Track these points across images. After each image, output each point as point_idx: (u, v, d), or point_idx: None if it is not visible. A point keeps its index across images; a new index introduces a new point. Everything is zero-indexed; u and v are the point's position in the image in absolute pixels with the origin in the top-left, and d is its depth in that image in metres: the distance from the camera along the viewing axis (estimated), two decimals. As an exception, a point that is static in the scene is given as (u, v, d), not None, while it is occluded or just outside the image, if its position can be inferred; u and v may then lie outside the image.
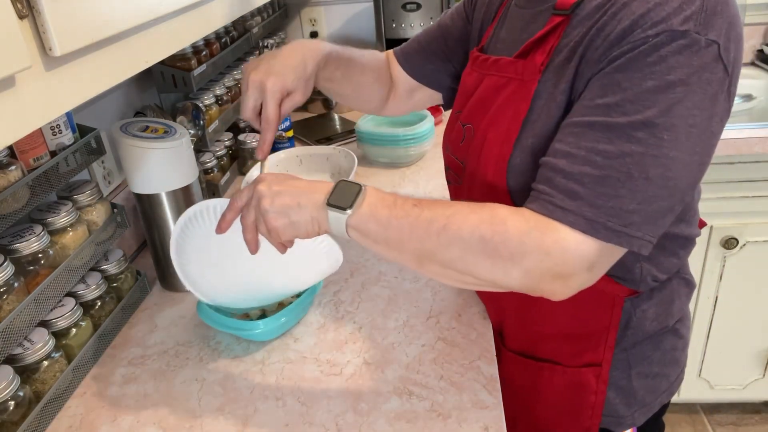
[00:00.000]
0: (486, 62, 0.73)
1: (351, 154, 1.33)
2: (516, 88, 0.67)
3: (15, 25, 0.43)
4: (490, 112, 0.70)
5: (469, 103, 0.76)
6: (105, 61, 0.57)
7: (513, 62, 0.68)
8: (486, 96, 0.72)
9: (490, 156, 0.69)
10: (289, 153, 1.39)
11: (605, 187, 0.55)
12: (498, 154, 0.68)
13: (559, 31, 0.63)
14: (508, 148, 0.66)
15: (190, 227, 0.78)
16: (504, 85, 0.69)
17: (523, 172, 0.65)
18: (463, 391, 0.76)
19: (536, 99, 0.64)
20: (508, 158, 0.66)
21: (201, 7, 0.81)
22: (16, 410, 0.71)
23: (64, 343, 0.82)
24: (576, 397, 0.81)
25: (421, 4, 1.70)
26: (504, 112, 0.68)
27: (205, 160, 1.32)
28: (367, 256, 1.07)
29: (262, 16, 1.71)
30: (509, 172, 0.67)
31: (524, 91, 0.65)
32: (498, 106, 0.69)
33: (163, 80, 1.22)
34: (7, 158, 0.73)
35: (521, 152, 0.65)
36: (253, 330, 0.84)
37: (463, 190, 0.80)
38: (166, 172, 0.92)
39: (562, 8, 0.63)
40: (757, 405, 1.88)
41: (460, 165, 0.79)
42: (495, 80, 0.71)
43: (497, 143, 0.68)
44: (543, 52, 0.64)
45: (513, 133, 0.66)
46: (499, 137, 0.68)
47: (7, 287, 0.71)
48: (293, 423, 0.74)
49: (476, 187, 0.74)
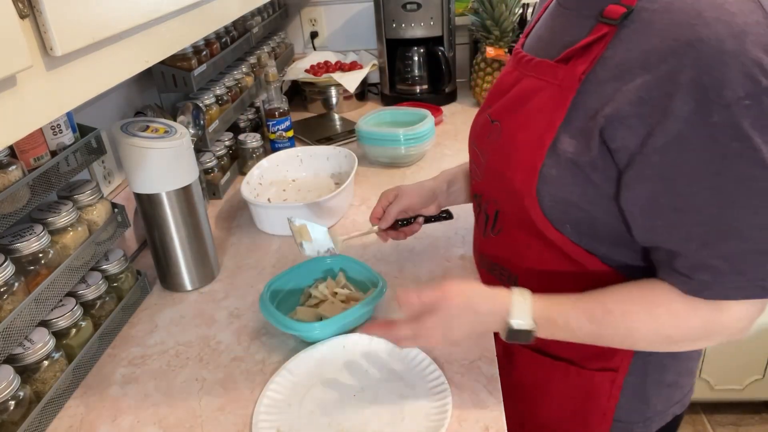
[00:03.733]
0: (528, 63, 0.70)
1: (351, 154, 1.33)
2: (553, 94, 0.64)
3: (16, 24, 0.43)
4: (521, 113, 0.69)
5: (502, 100, 0.74)
6: (106, 61, 0.57)
7: (553, 66, 0.65)
8: (520, 96, 0.69)
9: (520, 161, 0.67)
10: (289, 153, 1.39)
11: (761, 255, 0.57)
12: (529, 161, 0.65)
13: (604, 42, 0.59)
14: (541, 155, 0.64)
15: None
16: (541, 89, 0.66)
17: (558, 184, 0.64)
18: (464, 391, 0.75)
19: (573, 109, 0.61)
20: (540, 166, 0.64)
21: (201, 7, 0.81)
22: (17, 410, 0.71)
23: (64, 343, 0.82)
24: (588, 401, 0.79)
25: (421, 4, 1.70)
26: (537, 116, 0.65)
27: (205, 160, 1.32)
28: (367, 256, 1.07)
29: (262, 16, 1.71)
30: (541, 182, 0.65)
31: (561, 99, 0.63)
32: (531, 109, 0.67)
33: (163, 80, 1.22)
34: (7, 158, 0.73)
35: (557, 163, 0.63)
36: (311, 332, 0.84)
37: (483, 186, 0.79)
38: (166, 172, 0.92)
39: (611, 17, 0.59)
40: (757, 405, 1.88)
41: (481, 160, 0.78)
42: (532, 82, 0.68)
43: (528, 148, 0.66)
44: (585, 61, 0.61)
45: (546, 140, 0.63)
46: (530, 142, 0.65)
47: (7, 287, 0.71)
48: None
49: (498, 188, 0.73)
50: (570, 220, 0.66)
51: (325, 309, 0.89)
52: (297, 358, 0.81)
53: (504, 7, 1.62)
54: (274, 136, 1.50)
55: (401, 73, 1.82)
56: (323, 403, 0.75)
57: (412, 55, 1.79)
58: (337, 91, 1.84)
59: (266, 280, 0.94)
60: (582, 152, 0.61)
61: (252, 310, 0.96)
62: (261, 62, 1.63)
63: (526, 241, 0.72)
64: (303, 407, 0.75)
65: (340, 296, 0.92)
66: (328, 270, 0.98)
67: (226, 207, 1.32)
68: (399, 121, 1.48)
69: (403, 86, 1.84)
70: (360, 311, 0.84)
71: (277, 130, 1.49)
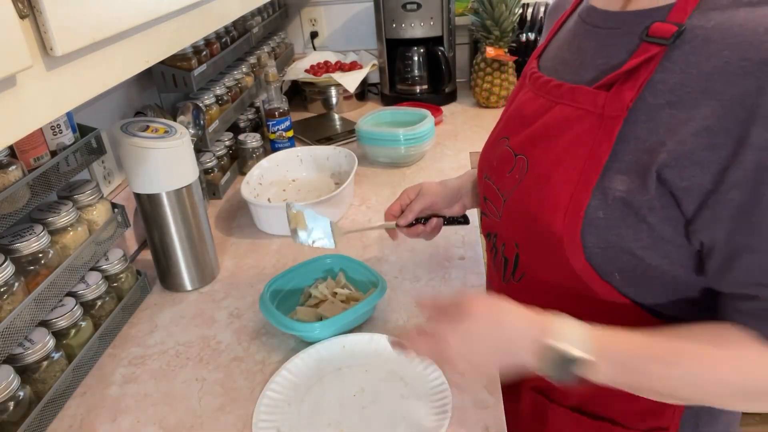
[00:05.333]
0: (557, 89, 0.62)
1: (351, 154, 1.33)
2: (594, 124, 0.57)
3: (16, 24, 0.43)
4: (555, 147, 0.60)
5: (527, 131, 0.65)
6: (106, 61, 0.57)
7: (592, 93, 0.57)
8: (552, 126, 0.61)
9: (558, 203, 0.59)
10: (289, 153, 1.39)
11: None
12: (571, 202, 0.57)
13: (653, 64, 0.53)
14: (586, 196, 0.56)
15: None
16: (578, 119, 0.58)
17: (605, 228, 0.56)
18: (464, 391, 0.75)
19: (621, 141, 0.54)
20: (584, 209, 0.56)
21: (201, 7, 0.81)
22: (16, 410, 0.71)
23: (64, 343, 0.82)
24: None
25: (421, 4, 1.70)
26: (576, 150, 0.58)
27: (205, 160, 1.32)
28: (367, 256, 1.07)
29: (262, 16, 1.71)
30: (586, 226, 0.57)
31: (606, 130, 0.55)
32: (568, 142, 0.59)
33: (163, 80, 1.22)
34: (7, 158, 0.73)
35: (604, 204, 0.56)
36: (311, 332, 0.83)
37: (500, 227, 0.70)
38: (166, 172, 0.92)
39: (660, 36, 0.52)
40: (756, 405, 1.88)
41: (500, 198, 0.69)
42: (566, 110, 0.60)
43: (568, 188, 0.58)
44: (633, 87, 0.54)
45: (591, 178, 0.56)
46: (570, 181, 0.58)
47: (7, 287, 0.71)
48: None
49: (525, 232, 0.65)
50: (619, 268, 0.58)
51: (325, 309, 0.89)
52: (297, 358, 0.81)
53: (504, 7, 1.62)
54: (274, 136, 1.50)
55: (401, 73, 1.82)
56: (323, 403, 0.75)
57: (412, 55, 1.79)
58: (337, 91, 1.84)
59: (266, 280, 0.94)
60: (636, 191, 0.54)
61: (252, 310, 0.96)
62: (261, 62, 1.63)
63: (559, 290, 0.63)
64: (303, 407, 0.75)
65: (340, 296, 0.92)
66: (329, 270, 0.98)
67: (226, 207, 1.32)
68: (399, 121, 1.48)
69: (403, 86, 1.84)
70: (360, 311, 0.84)
71: (277, 130, 1.49)
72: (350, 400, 0.75)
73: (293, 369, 0.80)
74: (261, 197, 1.28)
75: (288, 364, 0.81)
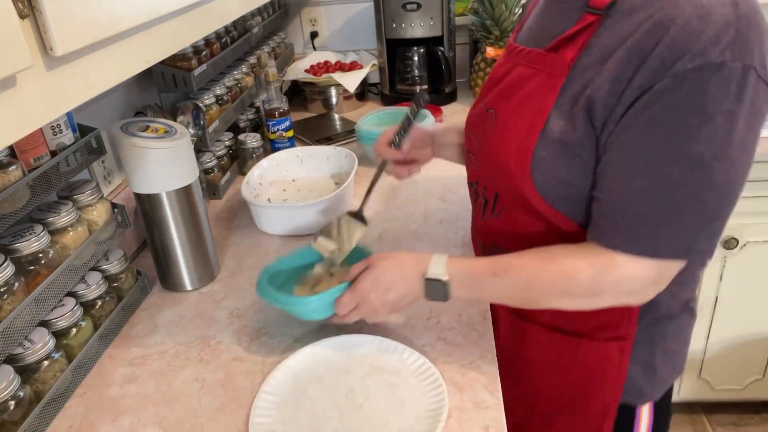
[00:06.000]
0: (520, 53, 0.75)
1: (351, 154, 1.33)
2: (543, 81, 0.68)
3: (16, 24, 0.43)
4: (514, 100, 0.72)
5: (495, 89, 0.78)
6: (106, 61, 0.57)
7: (543, 55, 0.69)
8: (513, 84, 0.73)
9: (512, 145, 0.71)
10: (289, 153, 1.39)
11: (664, 218, 0.62)
12: (521, 144, 0.69)
13: (591, 30, 0.64)
14: (533, 139, 0.68)
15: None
16: (531, 76, 0.70)
17: (549, 164, 0.68)
18: (464, 391, 0.76)
19: (562, 94, 0.66)
20: (532, 149, 0.68)
21: (201, 7, 0.81)
22: (17, 410, 0.71)
23: (64, 343, 0.82)
24: (599, 371, 0.82)
25: (421, 4, 1.70)
26: (528, 102, 0.69)
27: (205, 160, 1.32)
28: (367, 256, 1.07)
29: (262, 16, 1.71)
30: (534, 164, 0.68)
31: (551, 85, 0.67)
32: (523, 96, 0.71)
33: (163, 80, 1.22)
34: (7, 158, 0.73)
35: (546, 145, 0.67)
36: (307, 306, 0.82)
37: (479, 173, 0.83)
38: (166, 172, 0.92)
39: (596, 7, 0.64)
40: (757, 405, 1.88)
41: (477, 148, 0.82)
42: (524, 70, 0.72)
43: (520, 133, 0.70)
44: (573, 49, 0.65)
45: (538, 125, 0.67)
46: (522, 127, 0.69)
47: (7, 287, 0.71)
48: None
49: (494, 173, 0.77)
50: (562, 197, 0.70)
51: (322, 287, 0.88)
52: (272, 379, 0.79)
53: (504, 7, 1.62)
54: (274, 136, 1.50)
55: (401, 73, 1.82)
56: (318, 414, 0.74)
57: (412, 55, 1.79)
58: (337, 91, 1.84)
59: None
60: (569, 132, 0.65)
61: (252, 310, 0.96)
62: (261, 62, 1.63)
63: (522, 219, 0.76)
64: (299, 408, 0.75)
65: (337, 276, 0.91)
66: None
67: (226, 207, 1.32)
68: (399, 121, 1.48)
69: (403, 86, 1.84)
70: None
71: (277, 130, 1.49)
72: (344, 404, 0.75)
73: (272, 390, 0.78)
74: (261, 197, 1.28)
75: (265, 386, 0.78)
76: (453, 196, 1.26)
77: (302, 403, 0.76)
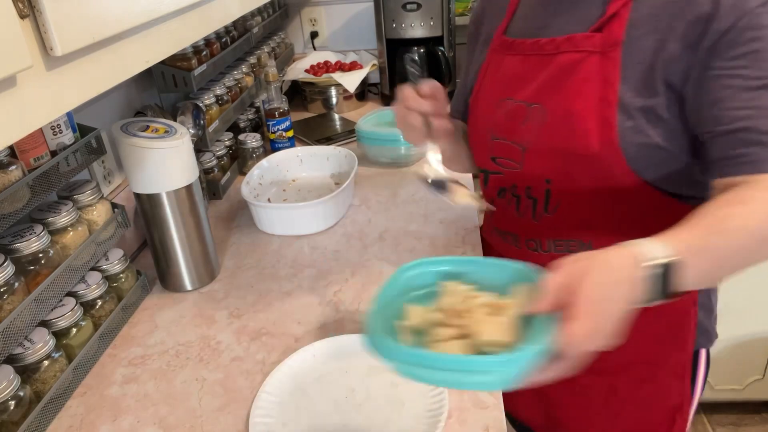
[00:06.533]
0: (550, 43, 0.75)
1: (351, 154, 1.33)
2: (598, 60, 0.70)
3: (16, 24, 0.43)
4: (567, 86, 0.72)
5: (534, 84, 0.76)
6: (106, 61, 0.57)
7: (589, 36, 0.71)
8: (560, 72, 0.73)
9: (589, 127, 0.70)
10: (289, 153, 1.39)
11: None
12: (600, 122, 0.70)
13: (628, 7, 0.69)
14: (611, 114, 0.69)
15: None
16: (582, 59, 0.71)
17: (638, 133, 0.69)
18: (464, 391, 0.75)
19: (627, 67, 0.68)
20: (615, 124, 0.69)
21: (201, 7, 0.81)
22: (17, 410, 0.71)
23: (64, 343, 0.82)
24: (675, 322, 0.83)
25: (421, 4, 1.70)
26: (588, 83, 0.70)
27: (205, 160, 1.32)
28: (367, 256, 1.07)
29: (262, 16, 1.71)
30: (621, 136, 0.69)
31: (609, 61, 0.69)
32: (580, 80, 0.71)
33: (163, 80, 1.22)
34: (7, 158, 0.73)
35: (630, 116, 0.68)
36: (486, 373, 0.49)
37: (521, 175, 0.80)
38: (166, 172, 0.92)
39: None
40: (757, 405, 1.88)
41: (517, 149, 0.79)
42: (571, 56, 0.73)
43: (594, 113, 0.70)
44: (619, 26, 0.69)
45: (611, 99, 0.69)
46: (593, 107, 0.70)
47: (7, 287, 0.71)
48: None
49: (559, 165, 0.75)
50: (654, 163, 0.71)
51: (481, 329, 0.53)
52: (272, 378, 0.79)
53: (504, 7, 1.62)
54: (274, 136, 1.50)
55: (401, 73, 1.82)
56: (319, 415, 0.74)
57: (412, 55, 1.79)
58: (337, 91, 1.84)
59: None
60: (650, 98, 0.68)
61: (252, 310, 0.96)
62: (261, 62, 1.63)
63: (595, 203, 0.75)
64: (299, 408, 0.75)
65: (481, 306, 0.56)
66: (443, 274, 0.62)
67: (226, 207, 1.32)
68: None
69: (403, 86, 1.84)
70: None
71: (277, 130, 1.49)
72: (345, 404, 0.75)
73: (274, 390, 0.78)
74: (261, 197, 1.28)
75: (265, 386, 0.78)
76: (453, 196, 1.26)
77: (302, 403, 0.76)
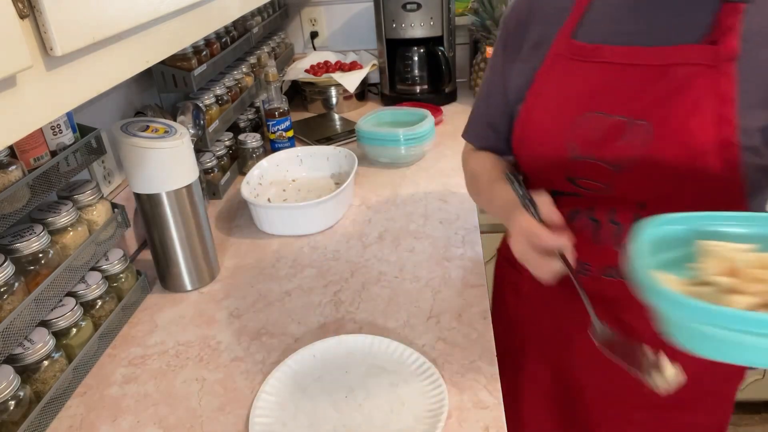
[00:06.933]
0: (658, 52, 0.70)
1: (351, 154, 1.33)
2: (713, 74, 0.67)
3: (16, 24, 0.43)
4: (679, 102, 0.68)
5: (643, 98, 0.70)
6: (106, 61, 0.57)
7: (704, 49, 0.67)
8: (671, 86, 0.69)
9: (705, 148, 0.67)
10: (289, 153, 1.39)
11: None
12: (722, 141, 0.66)
13: (740, 18, 0.66)
14: (730, 132, 0.65)
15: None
16: (696, 74, 0.67)
17: (761, 153, 0.66)
18: (464, 391, 0.76)
19: (745, 82, 0.65)
20: (736, 143, 0.65)
21: (201, 7, 0.81)
22: (17, 410, 0.71)
23: (64, 343, 0.82)
24: None
25: (421, 4, 1.70)
26: (705, 101, 0.67)
27: (205, 160, 1.32)
28: (367, 256, 1.07)
29: (262, 16, 1.71)
30: (743, 155, 0.66)
31: (725, 77, 0.66)
32: (696, 96, 0.67)
33: (163, 80, 1.22)
34: (7, 158, 0.73)
35: (752, 135, 0.66)
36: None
37: (607, 197, 0.74)
38: (166, 172, 0.92)
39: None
40: (757, 405, 1.88)
41: (607, 168, 0.72)
42: (685, 70, 0.68)
43: (712, 131, 0.66)
44: (733, 38, 0.65)
45: (730, 119, 0.65)
46: (710, 125, 0.66)
47: (7, 287, 0.71)
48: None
49: (659, 186, 0.71)
50: (765, 185, 0.70)
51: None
52: (272, 378, 0.79)
53: (504, 7, 1.62)
54: (274, 136, 1.50)
55: (401, 73, 1.82)
56: (318, 414, 0.74)
57: (412, 55, 1.79)
58: (337, 91, 1.84)
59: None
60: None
61: (252, 310, 0.96)
62: (261, 62, 1.63)
63: None
64: (299, 408, 0.75)
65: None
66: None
67: (226, 207, 1.32)
68: (399, 121, 1.48)
69: (403, 86, 1.84)
70: None
71: (277, 130, 1.49)
72: (344, 403, 0.75)
73: (273, 391, 0.78)
74: (261, 197, 1.28)
75: (265, 386, 0.78)
76: (453, 197, 1.26)
77: (302, 403, 0.76)
